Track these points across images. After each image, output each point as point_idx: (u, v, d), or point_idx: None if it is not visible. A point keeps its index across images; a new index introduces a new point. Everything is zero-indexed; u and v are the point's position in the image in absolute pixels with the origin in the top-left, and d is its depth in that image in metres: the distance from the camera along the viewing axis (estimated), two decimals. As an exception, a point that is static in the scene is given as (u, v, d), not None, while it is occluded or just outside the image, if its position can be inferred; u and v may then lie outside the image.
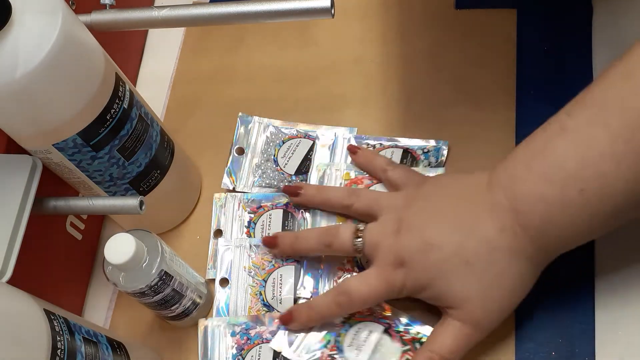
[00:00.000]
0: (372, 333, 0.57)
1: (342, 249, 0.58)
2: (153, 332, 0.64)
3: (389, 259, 0.55)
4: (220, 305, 0.62)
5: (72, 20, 0.50)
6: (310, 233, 0.61)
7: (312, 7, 0.59)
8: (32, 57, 0.47)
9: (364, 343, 0.57)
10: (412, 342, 0.57)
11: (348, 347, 0.57)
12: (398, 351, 0.57)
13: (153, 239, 0.55)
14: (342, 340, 0.57)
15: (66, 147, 0.53)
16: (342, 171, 0.65)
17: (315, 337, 0.58)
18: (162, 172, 0.62)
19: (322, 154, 0.66)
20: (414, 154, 0.65)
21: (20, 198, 0.52)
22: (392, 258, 0.54)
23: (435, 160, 0.64)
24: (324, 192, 0.62)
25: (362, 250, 0.57)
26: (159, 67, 0.77)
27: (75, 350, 0.47)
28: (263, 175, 0.67)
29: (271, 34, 0.75)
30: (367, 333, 0.57)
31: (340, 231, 0.58)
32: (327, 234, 0.59)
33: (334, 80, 0.72)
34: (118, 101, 0.55)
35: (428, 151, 0.65)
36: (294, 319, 0.58)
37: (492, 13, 0.70)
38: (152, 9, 0.61)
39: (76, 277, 0.66)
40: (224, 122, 0.71)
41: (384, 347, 0.57)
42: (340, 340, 0.57)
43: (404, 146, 0.65)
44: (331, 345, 0.57)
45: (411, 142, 0.65)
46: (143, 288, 0.54)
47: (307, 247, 0.60)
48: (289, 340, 0.58)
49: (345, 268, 0.61)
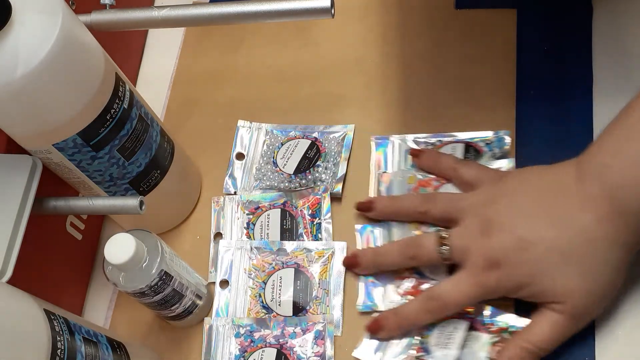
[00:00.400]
0: (457, 329, 0.56)
1: (427, 259, 0.57)
2: (153, 332, 0.64)
3: (481, 262, 0.53)
4: (219, 307, 0.63)
5: (72, 20, 0.50)
6: (392, 247, 0.59)
7: (312, 7, 0.59)
8: (32, 57, 0.47)
9: (450, 340, 0.56)
10: (499, 333, 0.56)
11: (434, 346, 0.56)
12: (487, 343, 0.55)
13: (153, 239, 0.55)
14: (427, 340, 0.56)
15: (66, 147, 0.53)
16: (406, 177, 0.63)
17: (399, 341, 0.57)
18: (162, 172, 0.62)
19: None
20: (477, 147, 0.63)
21: (20, 198, 0.52)
22: (484, 260, 0.53)
23: (499, 151, 0.62)
24: (398, 202, 0.61)
25: (449, 258, 0.56)
26: (159, 67, 0.77)
27: (75, 350, 0.47)
28: (263, 177, 0.67)
29: (271, 34, 0.75)
30: (452, 329, 0.56)
31: (424, 241, 0.57)
32: (410, 246, 0.58)
33: (334, 80, 0.72)
34: (118, 101, 0.55)
35: (490, 142, 0.63)
36: (382, 328, 0.57)
37: (492, 13, 0.70)
38: (152, 9, 0.61)
39: (76, 277, 0.66)
40: (224, 122, 0.71)
41: (472, 342, 0.56)
42: (425, 341, 0.56)
43: (464, 140, 0.63)
44: (417, 347, 0.57)
45: (470, 135, 0.64)
46: (143, 288, 0.54)
47: (390, 261, 0.59)
48: (374, 348, 0.58)
49: (404, 275, 0.60)
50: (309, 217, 0.65)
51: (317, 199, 0.65)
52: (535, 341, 0.53)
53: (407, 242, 0.59)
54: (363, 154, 0.67)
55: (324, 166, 0.66)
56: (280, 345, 0.59)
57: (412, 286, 0.59)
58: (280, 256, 0.63)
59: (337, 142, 0.67)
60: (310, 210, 0.65)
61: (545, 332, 0.53)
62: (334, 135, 0.68)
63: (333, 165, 0.66)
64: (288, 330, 0.60)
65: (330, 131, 0.68)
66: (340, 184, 0.65)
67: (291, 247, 0.63)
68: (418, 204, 0.60)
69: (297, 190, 0.66)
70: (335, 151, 0.67)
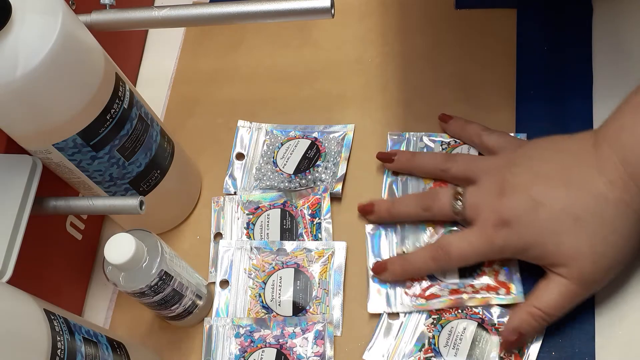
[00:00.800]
0: (466, 329, 0.56)
1: (441, 212, 0.58)
2: (153, 332, 0.64)
3: (492, 219, 0.54)
4: (219, 307, 0.63)
5: (72, 20, 0.50)
6: (408, 197, 0.61)
7: (312, 7, 0.59)
8: (32, 57, 0.47)
9: (460, 340, 0.56)
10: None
11: (444, 347, 0.56)
12: (496, 344, 0.56)
13: (153, 239, 0.55)
14: (436, 341, 0.57)
15: (66, 147, 0.53)
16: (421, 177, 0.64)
17: (408, 344, 0.57)
18: (162, 172, 0.62)
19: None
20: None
21: (20, 198, 0.52)
22: (496, 218, 0.54)
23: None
24: (419, 157, 0.63)
25: (461, 213, 0.57)
26: (159, 67, 0.77)
27: (75, 350, 0.47)
28: (263, 177, 0.67)
29: (271, 34, 0.75)
30: (462, 330, 0.56)
31: (440, 194, 0.58)
32: (426, 198, 0.59)
33: (333, 80, 0.72)
34: (118, 101, 0.55)
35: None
36: (387, 269, 0.59)
37: (492, 13, 0.70)
38: (152, 9, 0.61)
39: (76, 277, 0.66)
40: (223, 122, 0.71)
41: (482, 342, 0.56)
42: (434, 342, 0.57)
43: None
44: (425, 349, 0.57)
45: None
46: (143, 288, 0.54)
47: (405, 211, 0.60)
48: (381, 351, 0.58)
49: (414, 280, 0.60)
50: (309, 217, 0.65)
51: (317, 198, 0.65)
52: (543, 307, 0.53)
53: (424, 193, 0.61)
54: (363, 153, 0.67)
55: (323, 166, 0.66)
56: (280, 345, 0.59)
57: (422, 289, 0.59)
58: (280, 256, 0.63)
59: (337, 142, 0.67)
60: (310, 210, 0.65)
61: (553, 298, 0.53)
62: (334, 135, 0.68)
63: (333, 165, 0.66)
64: (288, 331, 0.60)
65: (330, 131, 0.68)
66: (340, 183, 0.65)
67: (291, 247, 0.63)
68: (440, 161, 0.61)
69: (297, 190, 0.66)
70: (335, 151, 0.67)
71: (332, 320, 0.60)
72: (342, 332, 0.60)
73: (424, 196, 0.60)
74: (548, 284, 0.54)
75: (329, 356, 0.59)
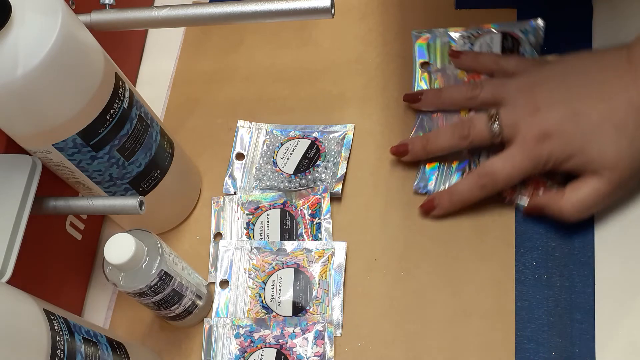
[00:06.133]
0: None
1: (479, 138, 0.59)
2: (153, 332, 0.64)
3: (533, 134, 0.56)
4: (219, 307, 0.63)
5: (72, 20, 0.50)
6: (442, 130, 0.61)
7: (312, 7, 0.59)
8: (31, 57, 0.47)
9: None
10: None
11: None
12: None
13: (153, 239, 0.55)
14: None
15: (66, 147, 0.53)
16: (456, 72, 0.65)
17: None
18: (162, 172, 0.62)
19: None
20: (513, 35, 0.65)
21: (20, 198, 0.52)
22: (536, 132, 0.55)
23: (534, 38, 0.65)
24: (446, 91, 0.63)
25: (500, 134, 0.57)
26: (158, 67, 0.77)
27: (75, 350, 0.47)
28: (263, 177, 0.67)
29: (271, 34, 0.75)
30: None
31: (474, 120, 0.59)
32: (461, 127, 0.60)
33: (333, 80, 0.72)
34: (118, 101, 0.55)
35: (526, 30, 0.65)
36: (436, 206, 0.60)
37: (492, 13, 0.70)
38: (152, 9, 0.62)
39: (76, 277, 0.66)
40: (223, 122, 0.71)
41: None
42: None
43: (501, 30, 0.65)
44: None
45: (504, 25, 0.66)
46: (143, 288, 0.54)
47: (442, 143, 0.61)
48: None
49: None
50: (309, 217, 0.65)
51: (317, 198, 0.65)
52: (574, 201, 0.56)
53: (456, 124, 0.61)
54: (363, 153, 0.67)
55: (323, 166, 0.66)
56: (280, 345, 0.59)
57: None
58: (280, 256, 0.63)
59: (337, 142, 0.67)
60: (310, 210, 0.65)
61: (585, 194, 0.56)
62: (334, 135, 0.68)
63: (333, 165, 0.66)
64: (288, 331, 0.60)
65: (330, 131, 0.68)
66: (340, 183, 0.65)
67: (291, 247, 0.63)
68: (465, 91, 0.62)
69: (297, 190, 0.66)
70: (335, 151, 0.67)
71: (332, 320, 0.60)
72: (342, 332, 0.60)
73: (458, 126, 0.60)
74: (582, 184, 0.56)
75: (328, 356, 0.59)
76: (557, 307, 0.57)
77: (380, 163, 0.66)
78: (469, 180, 0.59)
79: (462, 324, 0.59)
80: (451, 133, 0.60)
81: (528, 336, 0.57)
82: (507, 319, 0.58)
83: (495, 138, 0.58)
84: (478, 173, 0.58)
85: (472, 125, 0.59)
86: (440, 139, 0.61)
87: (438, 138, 0.61)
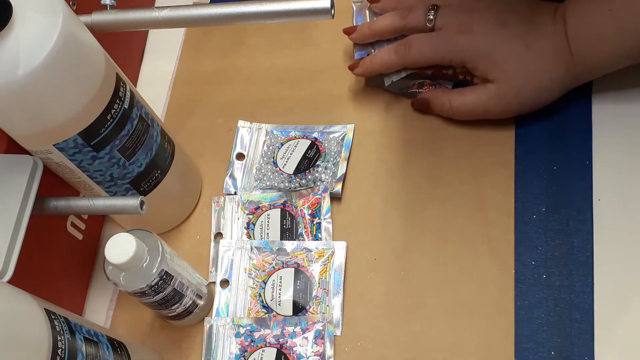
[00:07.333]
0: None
1: (415, 20, 0.63)
2: (153, 332, 0.64)
3: (457, 25, 0.61)
4: (220, 306, 0.63)
5: (73, 21, 0.51)
6: (386, 15, 0.66)
7: (312, 7, 0.59)
8: (32, 58, 0.47)
9: None
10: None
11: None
12: None
13: (153, 239, 0.55)
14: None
15: (67, 147, 0.53)
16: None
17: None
18: (162, 172, 0.62)
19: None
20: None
21: (21, 198, 0.52)
22: (461, 24, 0.61)
23: None
24: (376, 22, 0.66)
25: (434, 21, 0.62)
26: (159, 67, 0.77)
27: (75, 349, 0.47)
28: (263, 177, 0.67)
29: (271, 34, 0.75)
30: None
31: (415, 8, 0.64)
32: (403, 11, 0.64)
33: (333, 80, 0.72)
34: (119, 101, 0.55)
35: None
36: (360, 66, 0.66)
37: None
38: (153, 10, 0.62)
39: (77, 276, 0.66)
40: (224, 122, 0.71)
41: None
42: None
43: None
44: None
45: None
46: (143, 288, 0.54)
47: (384, 24, 0.65)
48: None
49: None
50: (309, 216, 0.65)
51: (317, 198, 0.65)
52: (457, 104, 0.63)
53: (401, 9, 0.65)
54: (363, 153, 0.67)
55: (323, 166, 0.66)
56: (280, 344, 0.60)
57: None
58: (280, 256, 0.63)
59: (337, 142, 0.67)
60: (310, 210, 0.65)
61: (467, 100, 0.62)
62: (334, 135, 0.68)
63: (333, 165, 0.66)
64: (288, 330, 0.60)
65: (330, 131, 0.68)
66: (340, 183, 0.65)
67: (291, 246, 0.63)
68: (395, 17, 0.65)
69: (297, 190, 0.66)
70: (335, 151, 0.67)
71: (332, 319, 0.60)
72: (342, 332, 0.60)
73: (400, 10, 0.65)
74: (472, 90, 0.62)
75: (328, 356, 0.59)
76: (556, 307, 0.57)
77: (380, 163, 0.66)
78: (390, 46, 0.64)
79: (461, 323, 0.59)
80: (393, 15, 0.65)
81: (527, 336, 0.57)
82: (506, 318, 0.58)
83: (429, 23, 0.62)
84: (399, 41, 0.64)
85: (412, 10, 0.64)
86: (384, 19, 0.65)
87: (381, 19, 0.66)
